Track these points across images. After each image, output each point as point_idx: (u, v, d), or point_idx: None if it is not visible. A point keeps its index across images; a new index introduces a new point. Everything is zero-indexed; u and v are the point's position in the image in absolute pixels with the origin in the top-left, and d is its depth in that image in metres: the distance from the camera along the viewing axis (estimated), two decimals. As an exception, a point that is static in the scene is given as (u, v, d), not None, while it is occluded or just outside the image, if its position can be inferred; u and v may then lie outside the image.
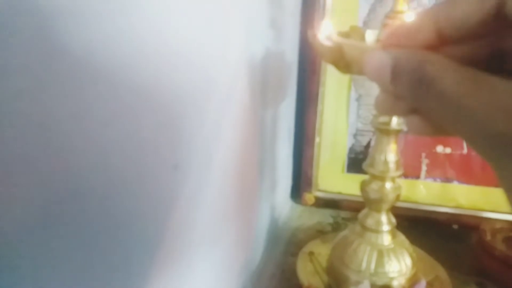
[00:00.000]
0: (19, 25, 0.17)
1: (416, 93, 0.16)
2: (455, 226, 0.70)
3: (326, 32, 0.31)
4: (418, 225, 0.65)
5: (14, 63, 0.17)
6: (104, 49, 0.23)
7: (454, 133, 0.16)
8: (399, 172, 0.47)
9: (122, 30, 0.24)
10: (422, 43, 0.17)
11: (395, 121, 0.45)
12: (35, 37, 0.18)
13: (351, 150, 0.73)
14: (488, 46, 0.17)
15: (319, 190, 0.75)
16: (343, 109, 0.72)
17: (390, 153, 0.46)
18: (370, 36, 0.45)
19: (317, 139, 0.73)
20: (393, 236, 0.49)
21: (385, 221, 0.49)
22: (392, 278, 0.47)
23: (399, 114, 0.20)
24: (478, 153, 0.16)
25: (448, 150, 0.69)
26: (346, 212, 0.73)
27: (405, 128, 0.47)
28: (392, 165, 0.47)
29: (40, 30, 0.18)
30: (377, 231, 0.49)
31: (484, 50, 0.17)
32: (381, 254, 0.48)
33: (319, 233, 0.67)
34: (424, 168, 0.70)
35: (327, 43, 0.31)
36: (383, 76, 0.18)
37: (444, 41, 0.17)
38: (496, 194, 0.68)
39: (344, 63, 0.41)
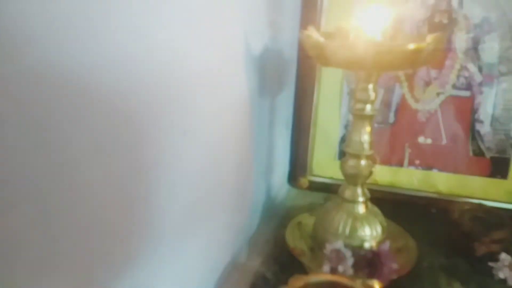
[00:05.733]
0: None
1: None
2: (433, 210, 0.77)
3: (310, 33, 0.41)
4: (400, 208, 0.73)
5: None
6: (114, 38, 0.31)
7: None
8: (372, 151, 0.56)
9: (128, 24, 0.30)
10: None
11: (369, 108, 0.54)
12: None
13: (342, 139, 0.81)
14: None
15: (313, 175, 0.84)
16: (336, 102, 0.80)
17: (365, 135, 0.55)
18: (353, 34, 0.53)
19: (312, 130, 0.82)
20: (367, 207, 0.58)
21: (360, 193, 0.57)
22: (364, 241, 0.56)
23: None
24: None
25: (429, 141, 0.77)
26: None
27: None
28: (366, 145, 0.55)
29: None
30: (353, 201, 0.57)
31: None
32: (355, 220, 0.56)
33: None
34: (407, 157, 0.78)
35: (309, 40, 0.40)
36: None
37: None
38: (472, 182, 0.76)
39: (324, 58, 0.50)
